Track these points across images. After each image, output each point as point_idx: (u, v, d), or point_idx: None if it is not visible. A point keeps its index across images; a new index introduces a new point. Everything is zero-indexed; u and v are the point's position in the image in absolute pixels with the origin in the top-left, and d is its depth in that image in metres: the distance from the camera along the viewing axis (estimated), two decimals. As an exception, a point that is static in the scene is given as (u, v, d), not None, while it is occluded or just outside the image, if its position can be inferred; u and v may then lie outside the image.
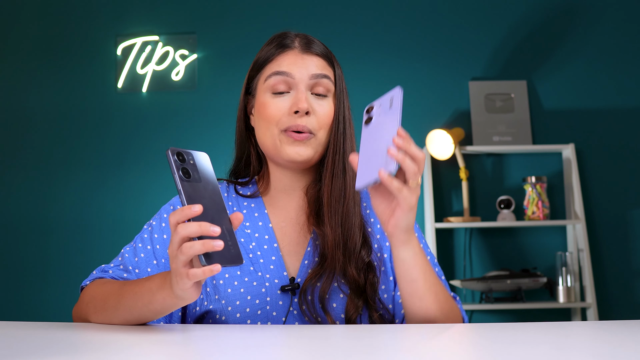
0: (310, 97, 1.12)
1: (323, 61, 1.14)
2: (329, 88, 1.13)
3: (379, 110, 0.93)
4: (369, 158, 0.90)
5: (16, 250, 3.16)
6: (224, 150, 1.29)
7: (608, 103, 3.18)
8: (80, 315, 1.05)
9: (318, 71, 1.12)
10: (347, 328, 0.94)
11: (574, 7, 3.24)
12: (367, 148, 0.92)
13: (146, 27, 3.27)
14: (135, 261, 1.10)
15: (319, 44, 1.16)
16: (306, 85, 1.11)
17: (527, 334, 0.86)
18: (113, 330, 0.92)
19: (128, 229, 3.10)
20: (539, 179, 3.00)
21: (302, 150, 1.10)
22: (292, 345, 0.81)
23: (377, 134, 0.91)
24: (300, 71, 1.11)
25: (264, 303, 1.07)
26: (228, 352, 0.74)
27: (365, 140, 0.93)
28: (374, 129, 0.92)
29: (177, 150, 0.83)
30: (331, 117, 1.12)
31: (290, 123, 1.09)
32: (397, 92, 0.91)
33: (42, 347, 0.76)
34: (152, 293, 0.90)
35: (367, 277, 1.08)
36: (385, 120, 0.91)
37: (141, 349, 0.76)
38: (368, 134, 0.93)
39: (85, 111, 3.23)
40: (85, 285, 1.08)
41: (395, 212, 0.93)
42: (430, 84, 3.20)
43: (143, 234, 1.13)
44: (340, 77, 1.16)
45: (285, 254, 1.13)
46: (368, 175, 0.89)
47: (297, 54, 1.13)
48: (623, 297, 3.06)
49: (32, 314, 3.10)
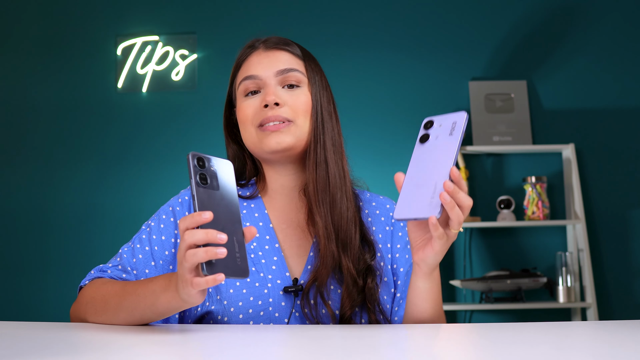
0: (281, 90, 1.12)
1: (289, 55, 1.15)
2: (299, 79, 1.13)
3: (438, 131, 0.88)
4: (416, 186, 0.86)
5: (16, 249, 3.16)
6: (223, 150, 1.29)
7: (608, 103, 3.18)
8: (79, 315, 1.05)
9: (284, 66, 1.13)
10: (347, 328, 0.94)
11: (574, 7, 3.24)
12: (416, 172, 0.87)
13: (146, 27, 3.27)
14: (134, 262, 1.09)
15: (288, 41, 1.17)
16: (275, 81, 1.13)
17: (527, 334, 0.86)
18: (113, 330, 0.92)
19: (128, 229, 3.10)
20: (539, 179, 3.00)
21: (281, 138, 1.10)
22: (291, 345, 0.81)
23: (431, 160, 0.86)
24: (265, 70, 1.13)
25: (266, 304, 1.06)
26: (228, 352, 0.74)
27: (417, 161, 0.88)
28: (429, 153, 0.87)
29: (199, 155, 0.83)
30: (308, 104, 1.12)
31: (262, 117, 1.11)
32: (462, 117, 0.86)
33: (42, 347, 0.76)
34: (156, 295, 0.90)
35: (366, 280, 1.07)
36: (442, 148, 0.86)
37: (141, 349, 0.76)
38: (421, 154, 0.88)
39: (85, 111, 3.23)
40: (83, 285, 1.08)
41: (427, 249, 0.92)
42: (430, 84, 3.20)
43: (141, 235, 1.13)
44: (315, 70, 1.16)
45: (288, 255, 1.12)
46: (411, 209, 0.85)
47: (261, 53, 1.15)
48: (623, 297, 3.05)
49: (31, 314, 3.10)
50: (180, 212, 1.14)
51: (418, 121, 3.14)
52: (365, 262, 1.08)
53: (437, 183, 0.84)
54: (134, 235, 1.15)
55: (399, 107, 3.17)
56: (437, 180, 0.84)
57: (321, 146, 1.11)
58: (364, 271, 1.08)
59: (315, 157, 1.11)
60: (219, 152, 1.29)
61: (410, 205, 0.85)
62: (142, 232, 1.13)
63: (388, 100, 3.18)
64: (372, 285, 1.07)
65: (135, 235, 1.14)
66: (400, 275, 1.14)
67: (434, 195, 0.83)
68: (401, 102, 3.18)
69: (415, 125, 3.15)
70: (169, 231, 1.12)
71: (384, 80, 3.19)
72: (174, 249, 1.11)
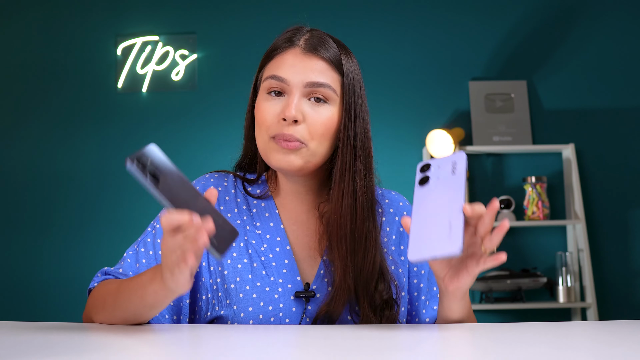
0: (305, 104, 1.04)
1: (327, 65, 1.06)
2: (329, 96, 1.05)
3: (438, 172, 0.86)
4: (428, 227, 0.83)
5: (16, 249, 3.16)
6: (224, 150, 1.27)
7: (608, 103, 3.18)
8: (87, 317, 1.04)
9: (316, 79, 1.04)
10: (349, 328, 0.94)
11: (573, 7, 3.24)
12: (423, 214, 0.84)
13: (146, 27, 3.27)
14: (137, 267, 1.07)
15: (329, 43, 1.08)
16: (301, 92, 1.04)
17: (527, 334, 0.86)
18: (114, 330, 0.92)
19: (128, 229, 3.10)
20: (539, 179, 2.99)
21: (291, 159, 1.03)
22: (295, 345, 0.81)
23: (438, 199, 0.84)
24: (295, 77, 1.04)
25: (276, 310, 1.04)
26: (234, 352, 0.74)
27: (421, 204, 0.85)
28: (433, 193, 0.85)
29: (135, 157, 0.79)
30: (325, 126, 1.04)
31: (277, 131, 1.03)
32: (461, 157, 0.85)
33: (43, 348, 0.76)
34: (144, 287, 0.89)
35: (383, 316, 1.03)
36: (448, 186, 0.84)
37: (142, 349, 0.76)
38: (424, 196, 0.85)
39: (85, 111, 3.23)
40: (92, 287, 1.07)
41: (462, 278, 0.90)
42: (430, 84, 3.20)
43: (146, 238, 1.10)
44: (351, 83, 1.07)
45: (300, 258, 1.09)
46: (428, 248, 0.82)
47: (297, 54, 1.05)
48: (623, 297, 3.05)
49: (32, 314, 3.10)
50: None
51: (418, 122, 3.16)
52: (381, 296, 1.04)
53: (452, 219, 0.81)
54: (140, 236, 1.12)
55: (399, 107, 3.17)
56: (451, 216, 0.82)
57: (350, 174, 1.04)
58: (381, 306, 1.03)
59: (341, 185, 1.04)
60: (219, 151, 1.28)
61: (426, 244, 0.82)
62: (147, 235, 1.10)
63: (388, 100, 3.17)
64: (390, 316, 1.03)
65: (141, 237, 1.11)
66: (422, 278, 1.12)
67: (451, 231, 0.81)
68: (401, 102, 3.18)
69: (416, 125, 3.16)
70: None
71: (384, 80, 3.19)
72: None
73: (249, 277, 1.05)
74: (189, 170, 3.45)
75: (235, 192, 1.14)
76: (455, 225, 0.81)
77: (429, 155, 3.05)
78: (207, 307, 1.06)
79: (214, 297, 1.06)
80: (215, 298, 1.06)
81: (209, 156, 3.10)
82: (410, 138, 3.15)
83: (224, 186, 1.14)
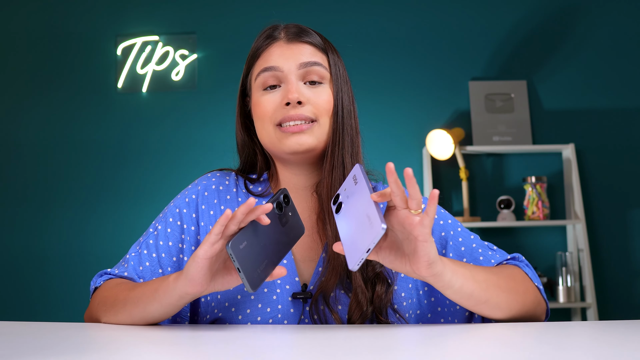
0: (303, 87, 1.06)
1: (313, 48, 1.09)
2: (322, 75, 1.07)
3: (345, 193, 0.87)
4: (353, 234, 0.83)
5: (16, 249, 3.16)
6: (224, 149, 1.27)
7: (608, 103, 3.18)
8: (92, 316, 1.04)
9: (307, 59, 1.06)
10: (350, 328, 0.94)
11: (573, 7, 3.24)
12: (346, 229, 0.85)
13: (146, 27, 3.27)
14: (140, 270, 1.07)
15: (309, 31, 1.11)
16: (296, 76, 1.06)
17: (527, 334, 0.86)
18: (114, 330, 0.92)
19: (128, 229, 3.10)
20: (539, 179, 3.00)
21: (303, 139, 1.05)
22: (294, 345, 0.81)
23: (352, 212, 0.85)
24: (287, 62, 1.06)
25: (275, 311, 1.03)
26: (234, 352, 0.74)
27: (343, 225, 0.86)
28: (347, 211, 0.86)
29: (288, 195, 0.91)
30: (330, 103, 1.07)
31: (284, 115, 1.04)
32: (356, 168, 0.86)
33: (43, 348, 0.76)
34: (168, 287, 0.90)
35: (374, 289, 1.02)
36: (355, 196, 0.85)
37: (143, 348, 0.76)
38: (343, 218, 0.86)
39: (85, 111, 3.23)
40: (97, 286, 1.06)
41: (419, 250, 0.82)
42: (430, 84, 3.20)
43: (149, 239, 1.10)
44: (337, 63, 1.10)
45: (299, 259, 1.08)
46: (359, 247, 0.81)
47: (282, 44, 1.08)
48: (623, 297, 3.06)
49: (31, 315, 3.10)
50: (187, 214, 1.10)
51: (418, 122, 3.16)
52: (374, 269, 1.04)
53: (367, 212, 0.81)
54: (142, 236, 1.12)
55: (399, 107, 3.17)
56: (366, 210, 0.81)
57: (340, 148, 1.06)
58: (372, 279, 1.03)
59: (332, 159, 1.06)
60: (219, 151, 1.29)
61: (357, 246, 0.81)
62: (149, 236, 1.10)
63: (388, 100, 3.18)
64: (381, 292, 1.03)
65: (143, 238, 1.11)
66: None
67: (370, 219, 0.80)
68: (401, 102, 3.18)
69: (416, 125, 3.16)
70: (175, 236, 1.09)
71: (384, 80, 3.19)
72: (181, 254, 1.09)
73: None
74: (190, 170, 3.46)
75: (236, 190, 1.14)
76: (371, 213, 0.80)
77: (429, 155, 3.05)
78: (206, 309, 1.06)
79: (213, 300, 1.06)
80: (214, 300, 1.05)
81: (209, 156, 3.11)
82: (410, 138, 3.15)
83: (225, 185, 1.14)
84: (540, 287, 1.04)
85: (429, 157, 3.06)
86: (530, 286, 1.02)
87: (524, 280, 1.02)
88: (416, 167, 3.13)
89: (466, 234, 1.12)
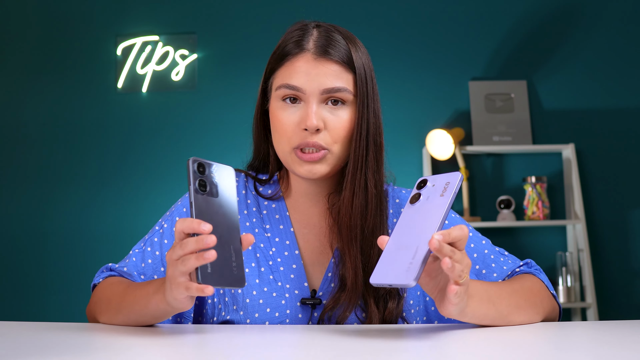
0: (323, 109, 1.03)
1: (339, 67, 1.04)
2: (345, 98, 1.04)
3: (430, 191, 0.83)
4: (398, 250, 0.80)
5: (16, 249, 3.16)
6: (224, 149, 1.28)
7: (608, 103, 3.18)
8: (91, 314, 1.04)
9: (331, 84, 1.02)
10: (353, 329, 0.94)
11: (573, 7, 3.24)
12: (400, 235, 0.81)
13: (146, 27, 3.27)
14: (142, 267, 1.06)
15: (336, 41, 1.07)
16: (318, 100, 1.02)
17: (527, 334, 0.86)
18: (118, 330, 0.92)
19: (128, 229, 3.10)
20: (539, 179, 3.00)
21: (316, 168, 1.03)
22: (299, 346, 0.81)
23: (417, 222, 0.81)
24: (311, 85, 1.02)
25: (283, 316, 1.03)
26: (239, 352, 0.74)
27: (404, 223, 0.82)
28: (417, 214, 0.82)
29: (199, 161, 0.81)
30: (347, 129, 1.03)
31: (300, 141, 1.02)
32: (456, 177, 0.81)
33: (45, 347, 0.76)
34: (148, 297, 0.88)
35: (386, 306, 1.02)
36: (431, 210, 0.81)
37: (146, 349, 0.76)
38: (409, 216, 0.82)
39: (85, 111, 3.23)
40: (97, 282, 1.06)
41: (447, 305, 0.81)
42: (430, 84, 3.20)
43: (153, 237, 1.09)
44: (363, 79, 1.06)
45: (308, 263, 1.07)
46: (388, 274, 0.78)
47: (309, 60, 1.03)
48: (623, 297, 3.06)
49: (32, 317, 3.10)
50: None
51: (418, 122, 3.16)
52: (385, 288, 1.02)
53: (419, 247, 0.78)
54: (147, 234, 1.11)
55: (399, 107, 3.17)
56: (419, 244, 0.78)
57: (362, 171, 1.03)
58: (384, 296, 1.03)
59: (353, 184, 1.03)
60: (218, 151, 1.28)
61: (388, 269, 0.78)
62: (154, 234, 1.09)
63: (388, 100, 3.17)
64: (393, 308, 1.02)
65: (148, 236, 1.10)
66: None
67: (413, 260, 0.77)
68: (401, 102, 3.18)
69: (416, 125, 3.15)
70: None
71: (384, 80, 3.18)
72: None
73: (256, 281, 1.05)
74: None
75: (245, 192, 1.13)
76: (418, 256, 0.77)
77: (428, 155, 3.05)
78: (213, 311, 1.06)
79: (220, 302, 1.05)
80: (221, 302, 1.05)
81: (209, 156, 3.10)
82: (410, 138, 3.15)
83: None
84: (554, 292, 1.05)
85: (429, 157, 3.06)
86: (546, 295, 1.02)
87: (541, 290, 1.02)
88: (416, 166, 3.13)
89: (478, 239, 1.12)
